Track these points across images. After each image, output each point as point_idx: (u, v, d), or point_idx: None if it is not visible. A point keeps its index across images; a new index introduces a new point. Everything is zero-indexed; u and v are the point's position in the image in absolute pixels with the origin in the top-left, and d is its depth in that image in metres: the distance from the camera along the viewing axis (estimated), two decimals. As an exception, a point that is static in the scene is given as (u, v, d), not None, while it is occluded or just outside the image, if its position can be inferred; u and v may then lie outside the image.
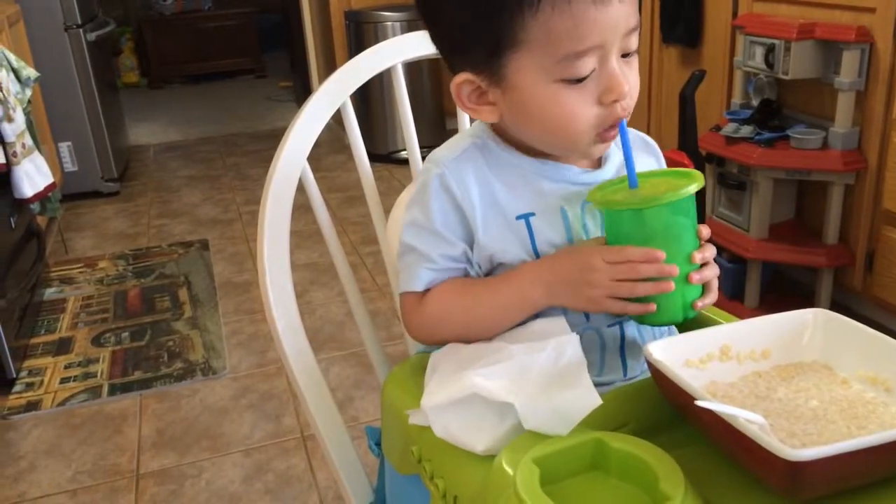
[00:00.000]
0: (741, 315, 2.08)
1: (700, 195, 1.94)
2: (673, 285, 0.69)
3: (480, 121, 0.81)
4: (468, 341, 0.76)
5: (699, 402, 0.56)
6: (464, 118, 1.05)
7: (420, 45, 0.99)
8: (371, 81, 0.98)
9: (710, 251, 0.72)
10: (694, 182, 0.69)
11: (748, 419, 0.57)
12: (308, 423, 1.80)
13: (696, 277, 0.70)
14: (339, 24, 3.87)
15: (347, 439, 0.93)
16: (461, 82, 0.75)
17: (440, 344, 0.78)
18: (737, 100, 2.24)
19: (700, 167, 1.97)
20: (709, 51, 2.42)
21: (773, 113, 2.11)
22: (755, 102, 2.16)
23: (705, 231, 0.72)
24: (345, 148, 4.02)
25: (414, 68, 3.62)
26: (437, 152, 0.80)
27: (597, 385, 0.76)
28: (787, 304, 2.16)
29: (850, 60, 1.85)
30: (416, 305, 0.79)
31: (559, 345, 0.69)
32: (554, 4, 0.66)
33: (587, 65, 0.69)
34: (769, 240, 2.07)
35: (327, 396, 0.90)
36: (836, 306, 2.07)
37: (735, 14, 2.25)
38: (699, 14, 2.42)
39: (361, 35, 3.63)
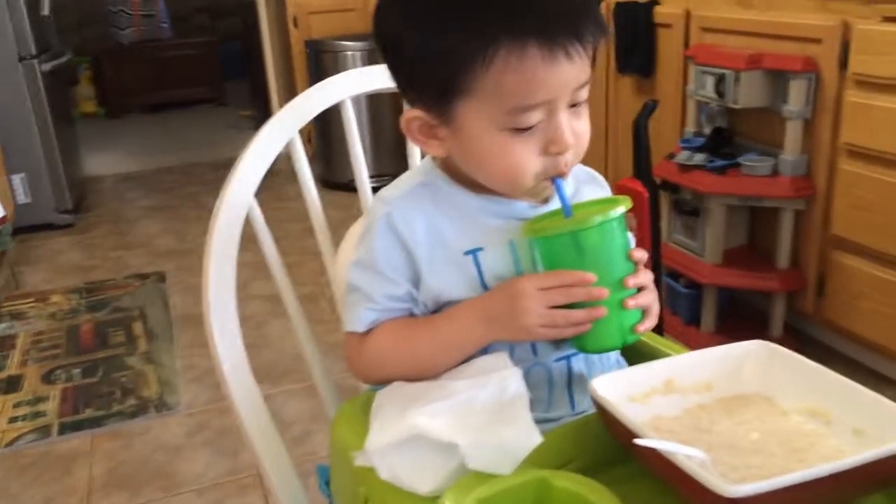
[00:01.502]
0: (698, 340, 2.09)
1: (654, 222, 1.97)
2: (606, 310, 0.69)
3: (429, 157, 0.82)
4: (412, 381, 0.75)
5: (638, 441, 0.56)
6: (415, 150, 1.06)
7: (370, 79, 0.99)
8: (332, 110, 0.98)
9: (646, 276, 0.73)
10: (621, 205, 0.70)
11: (688, 455, 0.57)
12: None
13: (631, 303, 0.71)
14: (299, 53, 3.87)
15: (296, 480, 0.91)
16: (411, 118, 0.76)
17: (385, 383, 0.78)
18: (690, 128, 2.28)
19: (654, 194, 1.99)
20: (663, 80, 2.46)
21: (725, 141, 2.16)
22: (707, 131, 2.20)
23: (637, 253, 0.72)
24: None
25: (375, 97, 3.64)
26: (385, 191, 0.81)
27: (545, 421, 0.76)
28: (743, 328, 2.18)
29: (797, 89, 1.90)
30: (358, 346, 0.79)
31: (502, 379, 0.68)
32: (506, 61, 0.67)
33: (535, 117, 0.70)
34: (723, 265, 2.10)
35: (275, 436, 0.89)
36: (790, 330, 2.10)
37: (687, 44, 2.30)
38: (653, 44, 2.46)
39: (322, 64, 3.64)
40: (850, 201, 1.84)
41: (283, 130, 0.91)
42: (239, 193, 0.87)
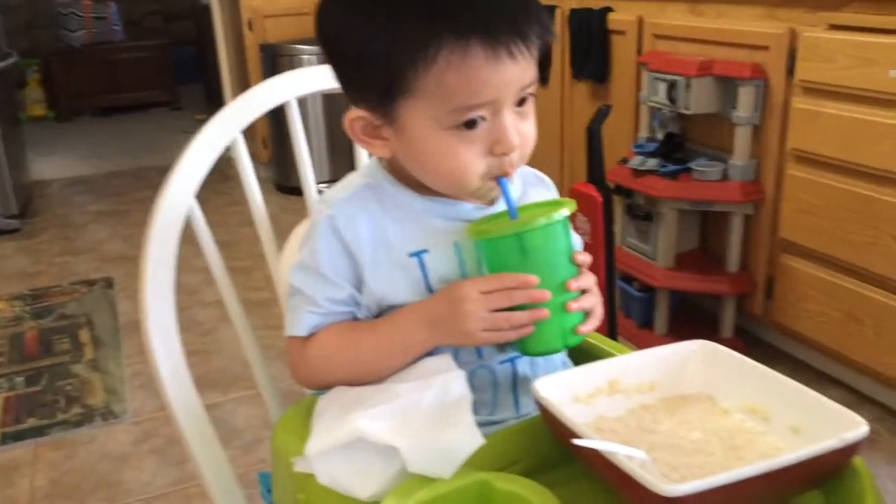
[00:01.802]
0: (650, 342, 2.11)
1: (608, 226, 1.98)
2: (548, 312, 0.69)
3: (375, 158, 0.80)
4: (355, 385, 0.74)
5: (577, 441, 0.56)
6: (362, 152, 1.04)
7: (315, 79, 0.98)
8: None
9: (588, 279, 0.73)
10: (566, 207, 0.70)
11: (629, 455, 0.56)
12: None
13: (574, 306, 0.70)
14: (254, 56, 3.83)
15: (237, 489, 0.89)
16: (355, 118, 0.75)
17: (325, 387, 0.76)
18: (643, 133, 2.31)
19: (608, 199, 2.00)
20: (616, 86, 2.48)
21: (677, 146, 2.18)
22: (660, 136, 2.23)
23: (581, 256, 0.72)
24: (261, 181, 3.95)
25: (331, 98, 3.62)
26: (329, 193, 0.79)
27: (489, 423, 0.76)
28: (695, 330, 2.20)
29: (746, 96, 1.93)
30: (300, 350, 0.77)
31: (445, 382, 0.67)
32: (448, 60, 0.66)
33: (479, 117, 0.69)
34: (675, 269, 2.12)
35: (215, 443, 0.86)
36: (740, 332, 2.13)
37: (640, 51, 2.32)
38: (607, 51, 2.48)
39: (277, 68, 3.59)
40: (798, 206, 1.87)
41: (225, 131, 0.89)
42: (178, 195, 0.85)
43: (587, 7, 2.50)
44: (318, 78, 0.96)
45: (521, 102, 0.71)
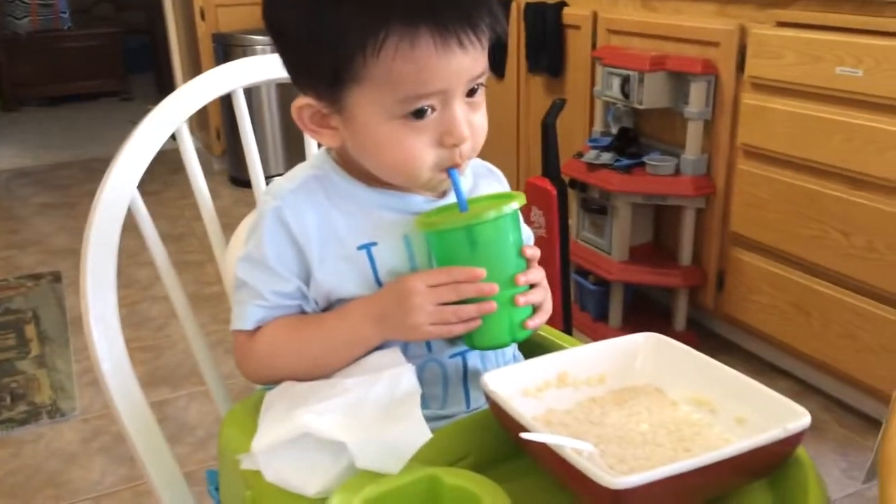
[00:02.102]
0: (605, 335, 2.13)
1: (563, 220, 1.99)
2: (495, 305, 0.68)
3: (324, 149, 0.79)
4: (302, 380, 0.73)
5: (524, 435, 0.56)
6: (312, 142, 1.03)
7: (263, 68, 0.96)
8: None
9: (537, 273, 0.72)
10: (515, 201, 0.69)
11: (576, 448, 0.56)
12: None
13: (521, 300, 0.70)
14: (206, 47, 3.76)
15: (184, 486, 0.87)
16: (302, 106, 0.73)
17: (272, 382, 0.75)
18: (598, 128, 2.32)
19: (563, 192, 2.01)
20: (571, 80, 2.49)
21: (631, 141, 2.20)
22: (614, 130, 2.24)
23: (530, 251, 0.72)
24: (214, 174, 3.90)
25: (286, 88, 3.57)
26: (276, 184, 0.78)
27: (440, 418, 0.75)
28: (649, 323, 2.22)
29: (697, 91, 1.95)
30: (246, 344, 0.76)
31: (394, 376, 0.67)
32: (396, 48, 0.65)
33: (428, 107, 0.68)
34: (629, 262, 2.14)
35: (160, 439, 0.84)
36: (692, 324, 2.16)
37: (594, 46, 2.34)
38: (561, 45, 2.49)
39: (230, 58, 3.48)
40: (747, 200, 1.90)
41: (169, 120, 0.87)
42: (120, 186, 0.82)
43: (542, 1, 2.50)
44: (265, 67, 0.94)
45: (471, 93, 0.71)
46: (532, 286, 0.72)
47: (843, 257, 1.68)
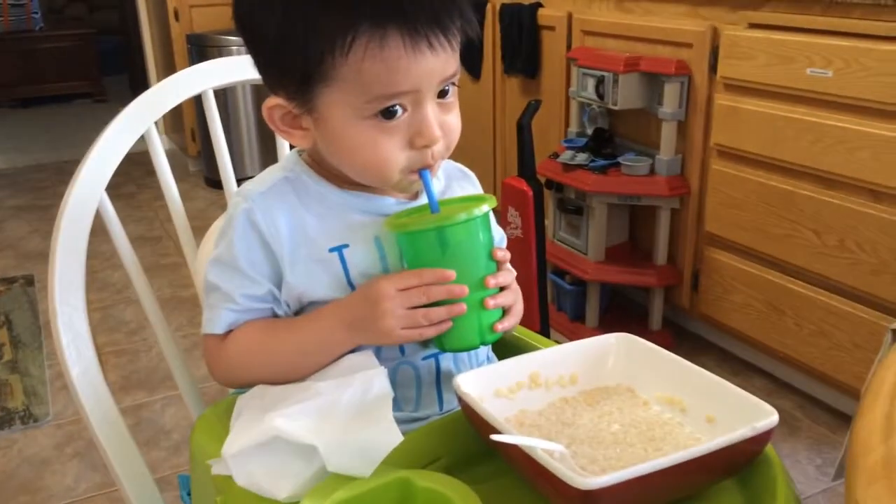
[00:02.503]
0: (582, 335, 2.14)
1: (539, 220, 2.00)
2: (465, 307, 0.68)
3: (295, 151, 0.79)
4: (274, 384, 0.72)
5: (494, 437, 0.56)
6: (284, 144, 1.02)
7: (234, 70, 0.95)
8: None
9: (507, 275, 0.72)
10: (486, 203, 0.69)
11: (547, 449, 0.56)
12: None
13: (491, 303, 0.70)
14: (181, 48, 3.73)
15: (156, 493, 0.86)
16: (273, 106, 0.73)
17: (247, 387, 0.74)
18: (573, 128, 2.33)
19: (539, 193, 2.02)
20: (547, 82, 2.50)
21: (606, 141, 2.21)
22: (590, 131, 2.25)
23: (500, 253, 0.72)
24: (189, 175, 3.87)
25: (262, 89, 3.55)
26: (247, 186, 0.77)
27: (413, 420, 0.75)
28: (625, 322, 2.24)
29: (671, 92, 1.96)
30: (218, 348, 0.75)
31: (366, 380, 0.66)
32: (365, 48, 0.65)
33: (399, 108, 0.68)
34: (606, 262, 2.15)
35: (131, 447, 0.83)
36: (668, 323, 2.18)
37: (569, 47, 2.34)
38: (537, 46, 2.50)
39: (205, 59, 3.47)
40: (721, 199, 1.92)
41: (138, 122, 0.86)
42: (87, 189, 0.81)
43: (518, 3, 2.51)
44: (235, 68, 0.93)
45: (443, 94, 0.70)
46: (502, 289, 0.72)
47: (815, 256, 1.70)
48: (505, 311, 0.72)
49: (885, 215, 1.54)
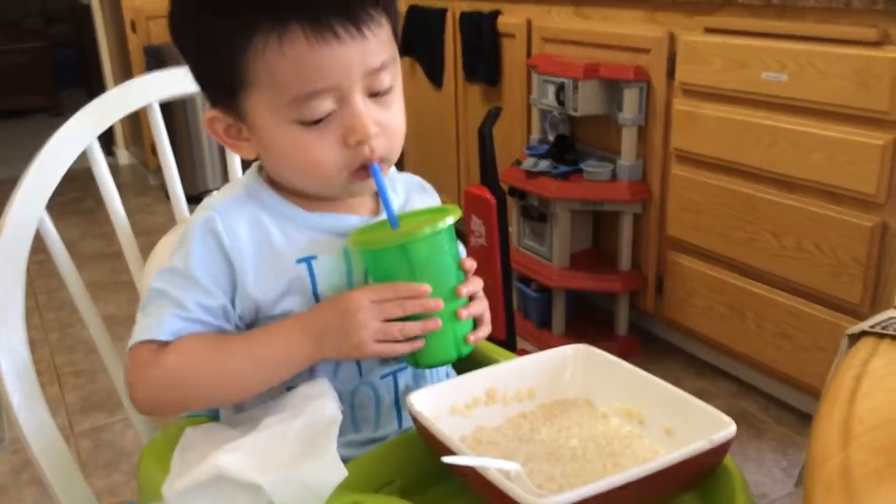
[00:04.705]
0: (549, 342, 2.12)
1: (503, 228, 1.99)
2: (440, 322, 0.66)
3: (253, 170, 0.76)
4: (216, 403, 0.69)
5: (446, 459, 0.54)
6: (235, 159, 1.00)
7: (179, 82, 0.93)
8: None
9: (476, 284, 0.71)
10: (450, 214, 0.68)
11: (502, 469, 0.55)
12: (101, 494, 1.64)
13: (464, 313, 0.68)
14: (138, 60, 3.67)
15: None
16: (211, 118, 0.71)
17: (172, 410, 0.71)
18: (535, 135, 2.33)
19: (502, 201, 2.01)
20: (508, 89, 2.50)
21: (568, 147, 2.21)
22: (552, 138, 2.25)
23: (469, 262, 0.70)
24: (150, 189, 3.80)
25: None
26: (210, 198, 0.75)
27: (372, 441, 0.73)
28: (591, 328, 2.24)
29: (630, 98, 1.97)
30: (152, 358, 0.67)
31: (316, 407, 0.64)
32: (265, 47, 0.63)
33: (322, 106, 0.65)
34: (570, 268, 2.15)
35: (75, 473, 0.80)
36: (634, 329, 2.18)
37: (529, 54, 2.34)
38: (497, 54, 2.50)
39: (163, 72, 3.46)
40: (682, 204, 1.92)
41: (77, 137, 0.83)
42: (26, 208, 0.78)
43: (477, 11, 2.50)
44: (180, 80, 0.91)
45: (379, 93, 0.68)
46: (471, 298, 0.70)
47: (775, 258, 1.71)
48: (476, 322, 0.70)
49: (844, 217, 1.55)
